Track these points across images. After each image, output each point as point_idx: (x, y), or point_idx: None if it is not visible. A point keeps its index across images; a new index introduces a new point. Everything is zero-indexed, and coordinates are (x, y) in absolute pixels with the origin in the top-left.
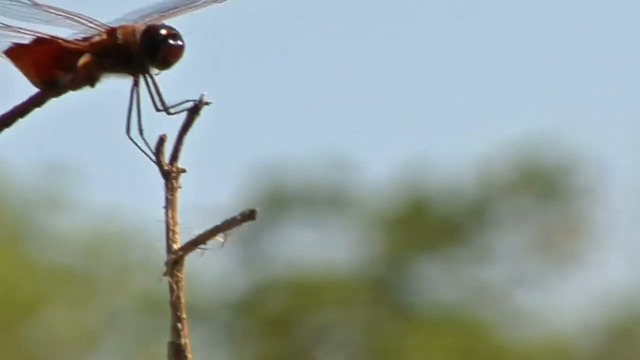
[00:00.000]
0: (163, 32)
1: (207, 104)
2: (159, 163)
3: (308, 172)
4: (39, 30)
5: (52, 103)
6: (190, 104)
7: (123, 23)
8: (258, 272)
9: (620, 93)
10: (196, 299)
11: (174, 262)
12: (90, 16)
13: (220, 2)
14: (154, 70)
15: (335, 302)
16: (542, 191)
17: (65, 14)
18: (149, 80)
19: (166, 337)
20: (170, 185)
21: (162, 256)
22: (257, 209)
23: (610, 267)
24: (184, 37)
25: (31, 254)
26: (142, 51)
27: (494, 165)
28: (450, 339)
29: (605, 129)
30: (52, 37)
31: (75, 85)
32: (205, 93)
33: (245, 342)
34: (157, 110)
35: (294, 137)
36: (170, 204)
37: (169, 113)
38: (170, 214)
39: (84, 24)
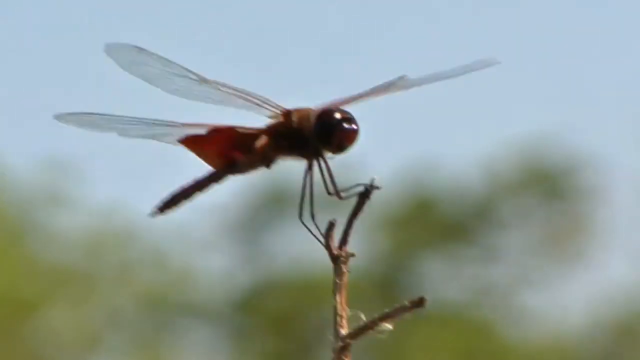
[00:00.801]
0: (337, 116)
1: (377, 188)
2: (328, 247)
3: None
4: (212, 124)
5: (52, 102)
6: (361, 189)
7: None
8: (261, 270)
9: (623, 94)
10: (200, 298)
11: (342, 348)
12: (264, 96)
13: (407, 89)
14: (328, 154)
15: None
16: (546, 191)
17: (238, 93)
18: (323, 164)
19: (166, 333)
20: (338, 270)
21: (330, 342)
22: (426, 297)
23: (613, 267)
24: (358, 121)
25: (32, 253)
26: (317, 135)
27: (498, 165)
28: (454, 337)
29: (608, 130)
30: (229, 127)
31: (252, 166)
32: (375, 177)
33: (249, 340)
34: (329, 194)
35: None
36: (338, 288)
37: (340, 197)
38: (338, 299)
39: (258, 104)
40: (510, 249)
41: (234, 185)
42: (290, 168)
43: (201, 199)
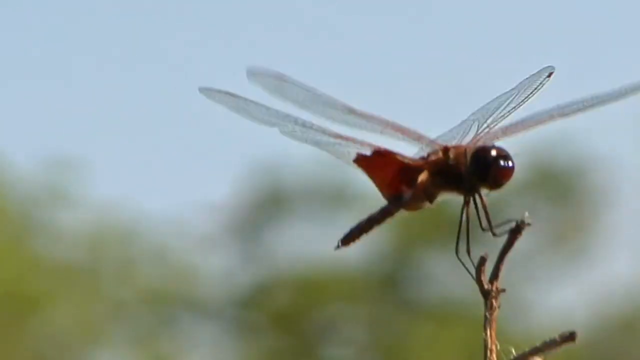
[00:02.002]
0: (493, 153)
1: (529, 224)
2: (479, 282)
3: (315, 168)
4: (372, 142)
5: (54, 101)
6: (512, 225)
7: (455, 142)
8: (265, 269)
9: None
10: (202, 295)
11: None
12: (417, 130)
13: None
14: (483, 191)
15: (342, 298)
16: (551, 191)
17: (389, 125)
18: (478, 200)
19: (169, 330)
20: (489, 305)
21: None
22: (577, 332)
23: (617, 264)
24: (514, 158)
25: (36, 250)
26: (473, 172)
27: None
28: (457, 334)
29: (614, 130)
30: (388, 150)
31: (417, 201)
32: (527, 214)
33: (253, 338)
34: (483, 230)
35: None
36: (489, 323)
37: (494, 234)
38: (489, 333)
39: (414, 138)
40: (515, 247)
41: (235, 185)
42: (291, 168)
43: (203, 196)
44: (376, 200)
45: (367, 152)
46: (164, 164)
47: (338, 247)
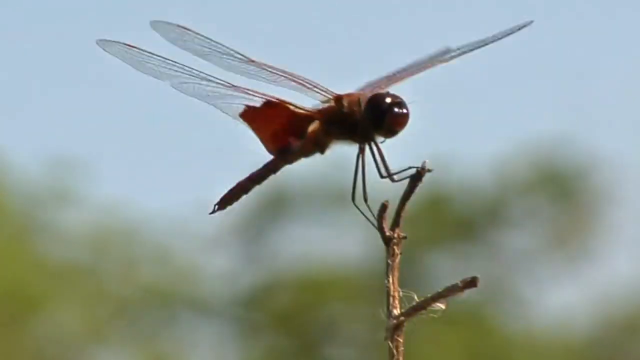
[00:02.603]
0: (388, 100)
1: (429, 171)
2: (380, 229)
3: (317, 168)
4: (267, 93)
5: (57, 101)
6: (412, 171)
7: (349, 92)
8: (267, 269)
9: (632, 95)
10: (205, 294)
11: (395, 327)
12: (312, 79)
13: (447, 60)
14: (379, 138)
15: (344, 298)
16: (555, 191)
17: (287, 75)
18: (374, 148)
19: (171, 330)
20: (391, 251)
21: (383, 321)
22: (479, 277)
23: (619, 264)
24: (409, 105)
25: (38, 250)
26: (368, 120)
27: (509, 165)
28: (460, 334)
29: (616, 131)
30: (281, 100)
31: (306, 152)
32: (427, 160)
33: (255, 337)
34: (381, 177)
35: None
36: (391, 269)
37: (393, 180)
38: (391, 280)
39: (308, 87)
40: (517, 247)
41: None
42: (294, 169)
43: (206, 195)
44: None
45: (257, 104)
46: (167, 164)
47: (214, 211)
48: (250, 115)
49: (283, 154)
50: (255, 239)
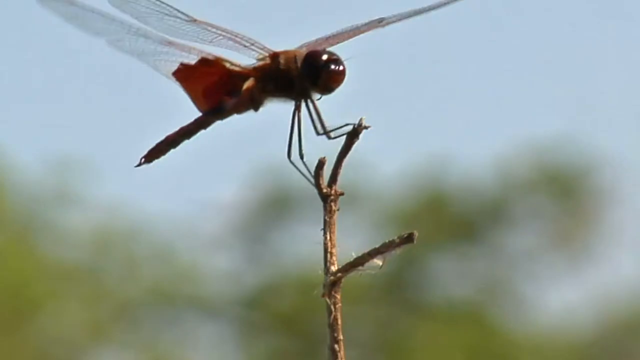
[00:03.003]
0: (324, 57)
1: (366, 127)
2: (317, 186)
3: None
4: (203, 50)
5: (60, 101)
6: (349, 128)
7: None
8: (270, 269)
9: (634, 95)
10: (207, 295)
11: (332, 284)
12: (252, 37)
13: (384, 25)
14: (315, 95)
15: (347, 298)
16: (557, 190)
17: (227, 34)
18: (311, 105)
19: (173, 330)
20: (328, 208)
21: (321, 278)
22: (416, 233)
23: (621, 264)
24: (345, 62)
25: (41, 250)
26: (304, 76)
27: (510, 164)
28: (463, 334)
29: (619, 130)
30: (217, 57)
31: (239, 108)
32: (364, 117)
33: (257, 338)
34: (318, 134)
35: (307, 134)
36: (328, 226)
37: (329, 137)
38: (328, 236)
39: (246, 46)
40: (519, 247)
41: (242, 185)
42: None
43: (210, 195)
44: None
45: (193, 61)
46: (170, 164)
47: (140, 163)
48: (183, 74)
49: (217, 112)
50: (258, 239)
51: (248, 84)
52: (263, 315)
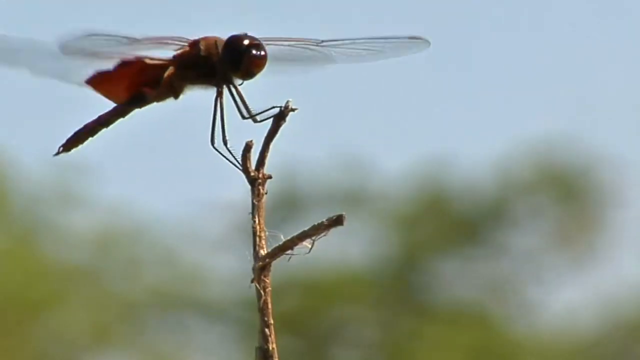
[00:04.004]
0: (245, 42)
1: (293, 110)
2: (245, 170)
3: (324, 171)
4: (123, 52)
5: (61, 102)
6: (276, 111)
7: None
8: (273, 270)
9: (636, 94)
10: (210, 296)
11: (262, 268)
12: (179, 35)
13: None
14: (237, 81)
15: (351, 299)
16: (558, 190)
17: (152, 42)
18: (233, 90)
19: (176, 332)
20: (256, 192)
21: (250, 262)
22: (345, 214)
23: (624, 265)
24: (266, 47)
25: (43, 252)
26: (225, 62)
27: (511, 165)
28: (465, 335)
29: (620, 130)
30: (137, 58)
31: (159, 97)
32: (290, 100)
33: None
34: (243, 118)
35: (310, 135)
36: (256, 209)
37: (255, 121)
38: (257, 220)
39: (170, 43)
40: (521, 248)
41: (245, 184)
42: (305, 170)
43: (214, 194)
44: None
45: (110, 67)
46: (173, 164)
47: (58, 152)
48: (98, 80)
49: (137, 102)
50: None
51: (168, 72)
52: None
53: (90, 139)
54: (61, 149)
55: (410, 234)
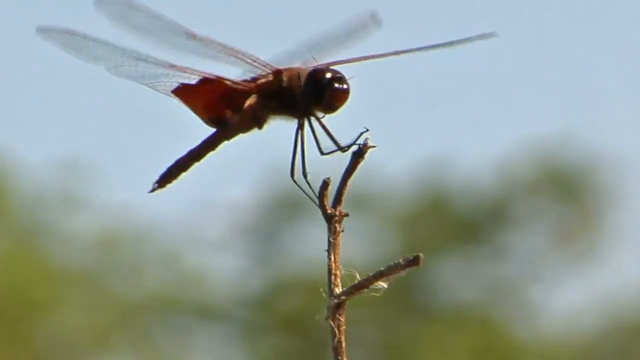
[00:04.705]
0: (328, 75)
1: (372, 147)
2: (322, 206)
3: (331, 172)
4: (204, 71)
5: (62, 104)
6: (354, 148)
7: (288, 65)
8: (275, 271)
9: (638, 94)
10: (212, 297)
11: (337, 306)
12: (254, 54)
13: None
14: (319, 114)
15: (351, 300)
16: (560, 190)
17: (228, 50)
18: (314, 123)
19: (178, 334)
20: (333, 229)
21: (325, 299)
22: (422, 255)
23: (626, 265)
24: (349, 81)
25: (45, 254)
26: (307, 94)
27: (512, 165)
28: (467, 336)
29: (622, 130)
30: (218, 77)
31: (243, 126)
32: (369, 137)
33: (262, 339)
34: (322, 154)
35: (310, 135)
36: (332, 247)
37: (343, 150)
38: (332, 258)
39: (248, 62)
40: (523, 248)
41: (246, 185)
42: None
43: (217, 195)
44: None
45: (193, 81)
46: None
47: (153, 189)
48: (184, 92)
49: (220, 128)
50: (265, 241)
51: (250, 100)
52: (269, 317)
53: (183, 174)
54: (155, 185)
55: (411, 234)
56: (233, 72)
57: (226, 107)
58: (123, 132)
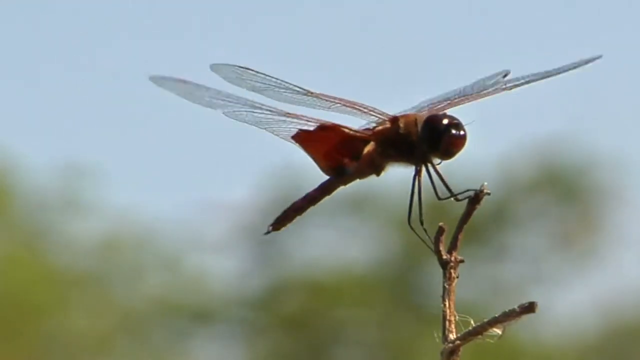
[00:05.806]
0: (445, 122)
1: (488, 194)
2: (437, 253)
3: None
4: (320, 118)
5: (65, 107)
6: (471, 194)
7: (405, 112)
8: (276, 271)
9: (636, 95)
10: (213, 299)
11: (450, 352)
12: (370, 105)
13: (510, 89)
14: (435, 160)
15: (352, 301)
16: (561, 191)
17: (343, 102)
18: (431, 169)
19: (180, 338)
20: (448, 275)
21: (438, 345)
22: (537, 303)
23: (626, 266)
24: (465, 127)
25: (47, 257)
26: (424, 141)
27: (513, 165)
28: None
29: (623, 130)
30: (335, 124)
31: (361, 173)
32: (486, 183)
33: (263, 339)
34: (439, 199)
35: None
36: (447, 293)
37: (457, 199)
38: (447, 304)
39: (364, 112)
40: (524, 249)
41: (252, 188)
42: (308, 172)
43: (218, 195)
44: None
45: (311, 127)
46: (178, 168)
47: (268, 232)
48: (302, 138)
49: (337, 174)
50: (267, 242)
51: (368, 148)
52: (270, 317)
53: (298, 217)
54: (270, 228)
55: (411, 234)
56: (354, 123)
57: (345, 155)
58: (125, 136)
